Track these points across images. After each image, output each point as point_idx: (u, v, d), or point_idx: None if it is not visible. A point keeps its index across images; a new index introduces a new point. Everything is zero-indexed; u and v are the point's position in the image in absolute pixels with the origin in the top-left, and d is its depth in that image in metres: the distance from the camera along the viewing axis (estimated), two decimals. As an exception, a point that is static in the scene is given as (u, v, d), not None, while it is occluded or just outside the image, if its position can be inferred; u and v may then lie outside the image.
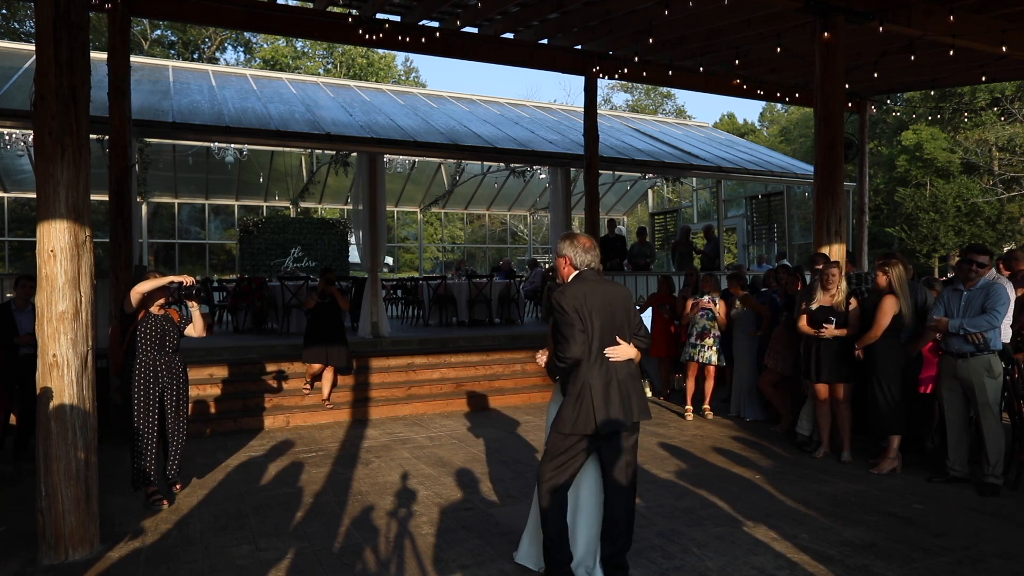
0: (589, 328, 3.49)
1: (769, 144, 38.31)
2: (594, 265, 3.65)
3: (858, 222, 13.39)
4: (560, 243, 3.74)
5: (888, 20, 7.77)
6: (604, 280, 3.68)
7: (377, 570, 3.92)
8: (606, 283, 3.66)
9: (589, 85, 11.09)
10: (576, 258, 3.64)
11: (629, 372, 3.59)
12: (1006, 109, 28.38)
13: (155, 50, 30.05)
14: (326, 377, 7.97)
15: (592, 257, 3.65)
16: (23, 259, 17.61)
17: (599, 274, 3.68)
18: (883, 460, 5.70)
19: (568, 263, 3.66)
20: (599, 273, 3.69)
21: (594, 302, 3.53)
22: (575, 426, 3.48)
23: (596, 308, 3.52)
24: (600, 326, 3.52)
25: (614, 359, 3.52)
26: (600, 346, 3.52)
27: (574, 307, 3.48)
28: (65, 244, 4.14)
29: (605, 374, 3.51)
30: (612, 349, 3.52)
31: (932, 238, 28.92)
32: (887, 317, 5.58)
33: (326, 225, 16.12)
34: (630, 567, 3.68)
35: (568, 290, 3.55)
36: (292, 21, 9.50)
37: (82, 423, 4.19)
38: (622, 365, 3.55)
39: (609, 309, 3.56)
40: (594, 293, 3.55)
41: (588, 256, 3.63)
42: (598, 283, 3.61)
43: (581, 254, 3.63)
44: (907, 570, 3.80)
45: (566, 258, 3.67)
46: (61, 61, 4.16)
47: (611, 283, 3.72)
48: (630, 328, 3.63)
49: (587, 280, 3.60)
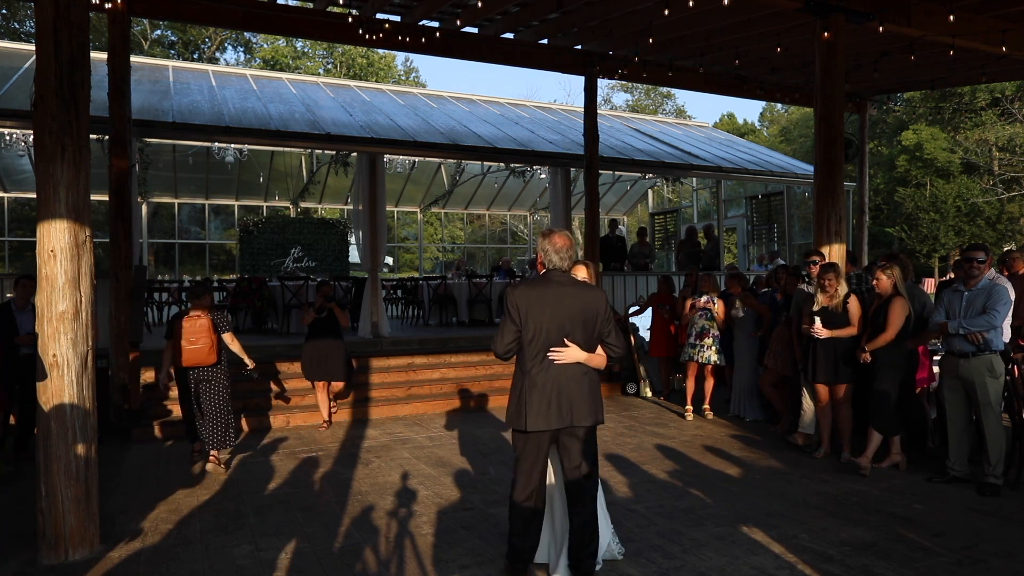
0: (531, 328, 3.50)
1: (769, 144, 38.33)
2: (563, 266, 3.61)
3: (858, 222, 13.39)
4: (539, 239, 3.74)
5: (888, 20, 7.77)
6: (571, 283, 3.61)
7: (377, 570, 3.92)
8: (571, 286, 3.59)
9: (589, 85, 11.08)
10: (545, 257, 3.63)
11: (575, 376, 3.54)
12: (1006, 109, 28.40)
13: (155, 50, 30.05)
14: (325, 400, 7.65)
15: (560, 259, 3.60)
16: (23, 259, 17.61)
17: (567, 274, 3.64)
18: (884, 459, 5.71)
19: (539, 261, 3.70)
20: (567, 273, 3.64)
21: (544, 303, 3.51)
22: (509, 421, 3.61)
23: (546, 310, 3.50)
24: (547, 328, 3.50)
25: (558, 361, 3.51)
26: (544, 347, 3.51)
27: (515, 304, 3.52)
28: (65, 244, 4.14)
29: (546, 375, 3.51)
30: (556, 351, 3.51)
31: (932, 238, 28.94)
32: (900, 320, 5.56)
33: (326, 225, 16.11)
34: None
35: (519, 288, 3.59)
36: (292, 21, 9.49)
37: (82, 423, 4.20)
38: (567, 368, 3.53)
39: (563, 312, 3.52)
40: (548, 294, 3.53)
41: (556, 257, 3.60)
42: (560, 285, 3.57)
43: (551, 255, 3.61)
44: (907, 570, 3.80)
45: (538, 256, 3.72)
46: (61, 61, 4.16)
47: (577, 286, 3.61)
48: (588, 334, 3.56)
49: (547, 281, 3.59)
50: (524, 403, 3.53)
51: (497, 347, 3.57)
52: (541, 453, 3.61)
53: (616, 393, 9.56)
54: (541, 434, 3.55)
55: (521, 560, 3.70)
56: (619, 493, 5.22)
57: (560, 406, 3.50)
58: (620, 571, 3.84)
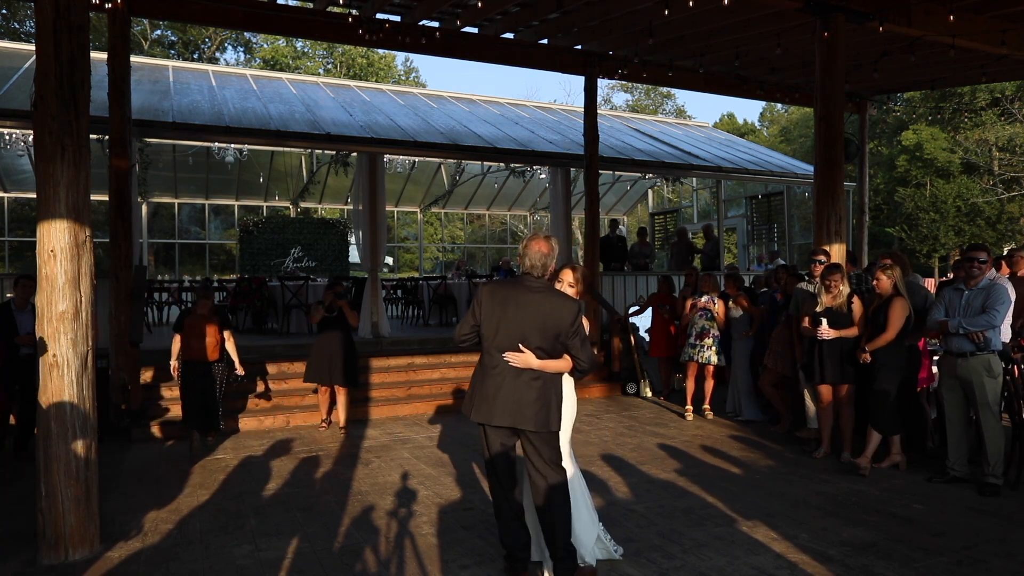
0: (489, 326, 3.57)
1: (769, 144, 38.32)
2: (536, 272, 3.62)
3: (858, 222, 13.39)
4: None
5: (888, 20, 7.77)
6: (543, 289, 3.60)
7: (377, 570, 3.92)
8: (540, 292, 3.58)
9: (589, 85, 11.08)
10: (523, 261, 3.66)
11: (525, 380, 3.54)
12: (1006, 109, 28.39)
13: (155, 50, 30.06)
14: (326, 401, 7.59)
15: (534, 264, 3.61)
16: (23, 259, 17.62)
17: (542, 280, 3.64)
18: (884, 459, 5.71)
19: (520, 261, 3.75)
20: (542, 279, 3.64)
21: (506, 305, 3.55)
22: (463, 408, 3.74)
23: (506, 311, 3.54)
24: (505, 329, 3.54)
25: (512, 363, 3.54)
26: (501, 347, 3.55)
27: (479, 300, 3.64)
28: (65, 244, 4.14)
29: (496, 373, 3.56)
30: (510, 354, 3.54)
31: (932, 238, 28.93)
32: (900, 320, 5.56)
33: (326, 225, 16.11)
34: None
35: (488, 285, 3.71)
36: (292, 21, 9.48)
37: (82, 423, 4.19)
38: (519, 371, 3.54)
39: (523, 317, 3.52)
40: (512, 297, 3.56)
41: (529, 263, 3.62)
42: (528, 290, 3.57)
43: (527, 260, 3.63)
44: (907, 570, 3.80)
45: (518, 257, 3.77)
46: (61, 61, 4.16)
47: (548, 294, 3.60)
48: (548, 342, 3.54)
49: (518, 283, 3.63)
50: (474, 394, 3.65)
51: (456, 333, 3.72)
52: (501, 451, 3.65)
53: (616, 393, 9.56)
54: (497, 430, 3.60)
55: (516, 559, 3.71)
56: (619, 493, 5.22)
57: (505, 405, 3.53)
58: (620, 571, 3.84)
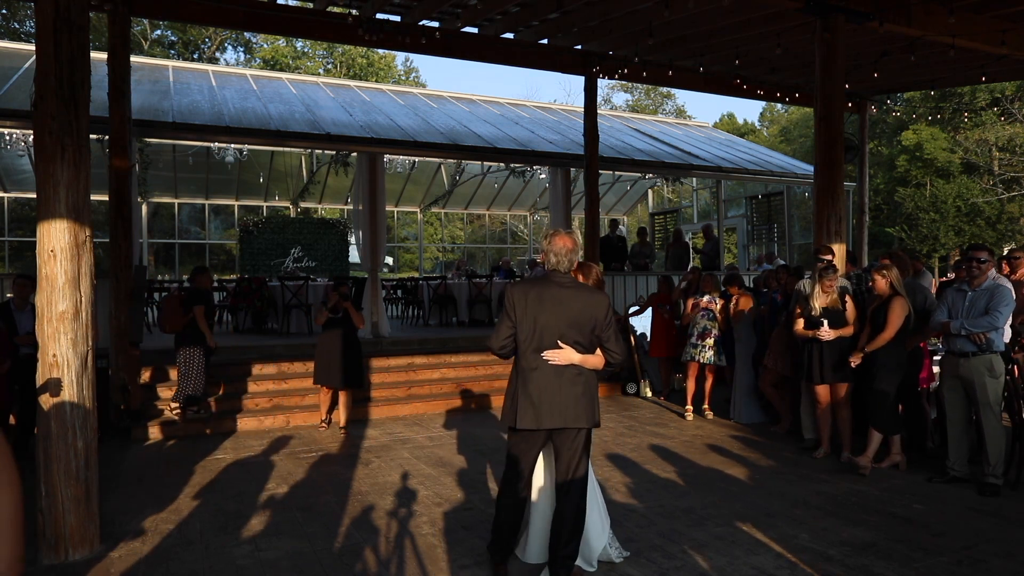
0: (527, 328, 3.52)
1: (769, 144, 38.31)
2: (562, 267, 3.61)
3: (858, 222, 13.39)
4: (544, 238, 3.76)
5: (888, 20, 7.77)
6: (572, 284, 3.60)
7: (377, 570, 3.92)
8: (571, 288, 3.57)
9: (589, 85, 11.08)
10: (548, 258, 3.64)
11: (569, 377, 3.53)
12: (1006, 109, 28.39)
13: (155, 50, 30.04)
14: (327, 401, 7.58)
15: (559, 260, 3.60)
16: (23, 259, 17.60)
17: (569, 276, 3.64)
18: (884, 458, 5.71)
19: (542, 259, 3.72)
20: (568, 275, 3.64)
21: (542, 303, 3.52)
22: (504, 419, 3.63)
23: (543, 309, 3.51)
24: (542, 328, 3.51)
25: (552, 362, 3.51)
26: (540, 347, 3.51)
27: (513, 302, 3.55)
28: (65, 244, 4.14)
29: (540, 375, 3.51)
30: (551, 352, 3.50)
31: (932, 238, 28.93)
32: (900, 319, 5.56)
33: (326, 225, 16.10)
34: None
35: (518, 286, 3.62)
36: (292, 21, 9.49)
37: (82, 423, 4.20)
38: (562, 369, 3.52)
39: (560, 313, 3.51)
40: (546, 295, 3.53)
41: (555, 259, 3.61)
42: (560, 287, 3.56)
43: (552, 256, 3.61)
44: (907, 570, 3.80)
45: (542, 255, 3.73)
46: (61, 61, 4.16)
47: (579, 289, 3.59)
48: (585, 337, 3.54)
49: (547, 281, 3.59)
50: (516, 402, 3.55)
51: (493, 343, 3.61)
52: (533, 451, 3.64)
53: (616, 393, 9.56)
54: (534, 433, 3.56)
55: (501, 550, 3.75)
56: (619, 493, 5.22)
57: (552, 407, 3.50)
58: (620, 571, 3.84)
